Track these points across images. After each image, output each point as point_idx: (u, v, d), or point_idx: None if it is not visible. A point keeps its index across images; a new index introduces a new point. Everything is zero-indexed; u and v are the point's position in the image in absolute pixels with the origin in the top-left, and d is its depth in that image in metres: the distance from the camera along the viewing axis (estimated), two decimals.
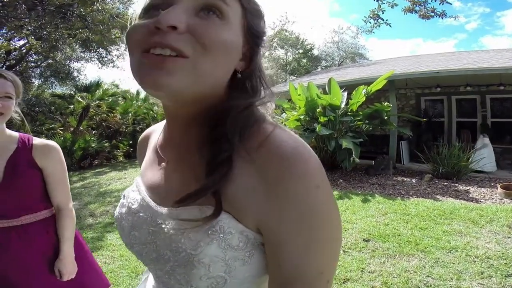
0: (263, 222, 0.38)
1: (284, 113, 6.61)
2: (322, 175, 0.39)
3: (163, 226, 0.43)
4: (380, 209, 4.16)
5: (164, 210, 0.45)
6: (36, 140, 1.17)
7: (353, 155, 5.52)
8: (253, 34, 0.45)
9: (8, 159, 1.08)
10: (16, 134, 1.16)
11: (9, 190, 1.06)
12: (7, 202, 1.07)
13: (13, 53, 8.07)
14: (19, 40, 7.87)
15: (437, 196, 4.68)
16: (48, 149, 1.16)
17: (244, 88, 0.46)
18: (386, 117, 5.93)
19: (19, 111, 1.22)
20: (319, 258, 0.38)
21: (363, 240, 3.17)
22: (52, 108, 10.30)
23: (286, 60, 23.86)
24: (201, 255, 0.39)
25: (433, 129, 7.76)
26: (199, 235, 0.39)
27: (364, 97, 5.86)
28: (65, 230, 1.17)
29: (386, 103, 5.97)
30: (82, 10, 4.91)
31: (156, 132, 0.60)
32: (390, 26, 4.55)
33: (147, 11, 0.40)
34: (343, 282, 2.40)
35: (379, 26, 4.55)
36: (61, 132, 9.88)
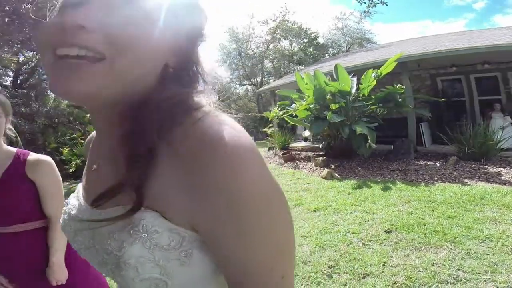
0: (194, 219, 0.36)
1: (293, 104, 6.45)
2: (253, 157, 0.35)
3: (98, 227, 0.41)
4: (402, 197, 3.91)
5: (97, 212, 0.43)
6: (31, 156, 1.23)
7: (369, 141, 5.30)
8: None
9: (2, 174, 1.17)
10: (13, 150, 1.24)
11: (2, 200, 1.15)
12: (1, 210, 1.16)
13: (24, 67, 8.32)
14: (21, 56, 8.08)
15: (465, 180, 4.34)
16: (39, 164, 1.22)
17: (177, 82, 0.43)
18: (400, 100, 5.64)
19: (12, 127, 1.28)
20: (263, 253, 0.35)
21: (385, 231, 2.97)
22: (71, 118, 10.61)
23: (292, 50, 23.57)
24: (126, 256, 0.36)
25: (454, 109, 7.44)
26: (122, 235, 0.37)
27: (375, 80, 5.67)
28: (55, 241, 1.22)
29: (399, 85, 5.70)
30: None
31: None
32: (387, 5, 4.25)
33: (61, 9, 0.37)
34: (362, 278, 2.23)
35: (375, 6, 4.28)
36: (83, 141, 10.17)
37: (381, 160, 6.02)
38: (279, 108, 7.26)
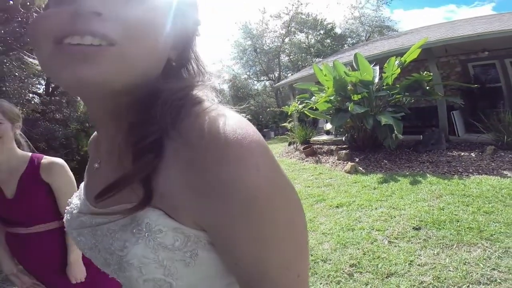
0: (202, 219, 0.34)
1: (313, 97, 6.28)
2: (264, 155, 0.33)
3: (99, 225, 0.41)
4: (433, 191, 3.67)
5: (100, 211, 0.42)
6: (45, 159, 1.29)
7: (395, 131, 5.03)
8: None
9: (19, 178, 1.24)
10: (28, 154, 1.30)
11: (21, 204, 1.22)
12: (21, 214, 1.24)
13: None
14: None
15: (505, 172, 3.97)
16: (53, 166, 1.27)
17: (179, 76, 0.43)
18: (428, 87, 5.28)
19: (22, 133, 1.34)
20: (278, 253, 0.34)
21: (413, 228, 2.80)
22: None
23: (309, 43, 22.98)
24: (129, 256, 0.35)
25: (489, 96, 6.85)
26: (125, 235, 0.36)
27: (399, 68, 5.35)
28: (72, 241, 1.26)
29: (426, 72, 5.34)
30: None
31: None
32: None
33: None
34: (386, 277, 2.10)
35: None
36: None
37: (409, 152, 5.69)
38: (298, 102, 7.11)
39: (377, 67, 5.82)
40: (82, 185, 0.55)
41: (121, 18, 0.34)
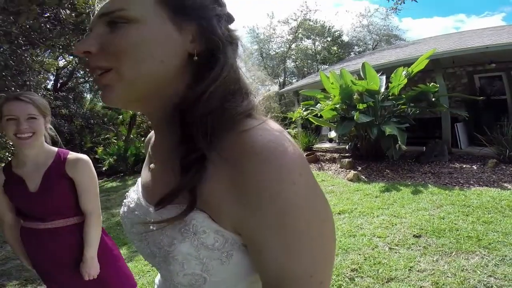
0: (239, 224, 0.37)
1: (318, 104, 6.36)
2: (301, 169, 0.36)
3: (150, 224, 0.44)
4: (434, 201, 3.73)
5: (151, 208, 0.47)
6: (71, 155, 1.30)
7: (399, 142, 5.09)
8: (190, 10, 0.43)
9: (44, 173, 1.24)
10: (54, 149, 1.31)
11: (44, 199, 1.22)
12: (43, 208, 1.23)
13: (63, 70, 9.01)
14: (61, 60, 8.71)
15: (505, 184, 4.03)
16: (78, 162, 1.28)
17: (202, 73, 0.43)
18: (433, 99, 5.34)
19: (52, 127, 1.34)
20: (305, 260, 0.35)
21: (413, 236, 2.86)
22: (105, 119, 11.33)
23: (315, 50, 22.99)
24: (175, 252, 0.39)
25: (494, 108, 6.82)
26: (174, 233, 0.40)
27: (406, 79, 5.41)
28: (89, 237, 1.27)
29: (432, 83, 5.39)
30: None
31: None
32: (416, 1, 4.03)
33: None
34: (386, 282, 2.17)
35: (404, 3, 4.06)
36: (115, 141, 10.81)
37: (412, 163, 5.75)
38: (303, 108, 7.20)
39: (384, 77, 5.88)
40: (139, 180, 0.59)
41: (103, 49, 0.41)
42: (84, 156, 1.33)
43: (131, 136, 10.56)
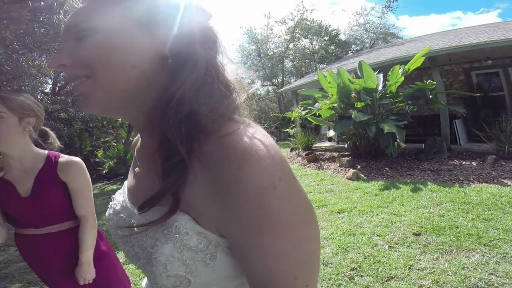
0: (222, 227, 0.38)
1: (316, 103, 6.35)
2: (281, 173, 0.36)
3: (135, 225, 0.45)
4: (433, 198, 3.71)
5: (136, 211, 0.47)
6: (63, 157, 1.24)
7: (398, 140, 5.08)
8: (156, 14, 0.43)
9: (35, 176, 1.18)
10: (44, 152, 1.25)
11: (36, 203, 1.17)
12: (36, 214, 1.19)
13: (61, 74, 9.00)
14: None
15: (505, 181, 4.01)
16: (70, 165, 1.23)
17: (176, 74, 0.43)
18: (431, 96, 5.35)
19: (47, 129, 1.28)
20: (289, 263, 0.36)
21: (413, 234, 2.84)
22: (104, 122, 11.28)
23: (313, 49, 23.07)
24: (158, 253, 0.40)
25: (492, 105, 6.89)
26: (157, 234, 0.41)
27: (403, 76, 5.41)
28: (84, 241, 1.24)
29: (429, 81, 5.40)
30: None
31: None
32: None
33: None
34: (386, 281, 2.15)
35: (396, 0, 4.06)
36: (115, 144, 10.77)
37: (411, 160, 5.74)
38: (302, 108, 7.19)
39: (381, 75, 5.88)
40: (125, 183, 0.59)
41: (75, 60, 0.42)
42: (77, 159, 1.27)
43: (131, 138, 10.54)
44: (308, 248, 0.37)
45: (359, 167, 5.82)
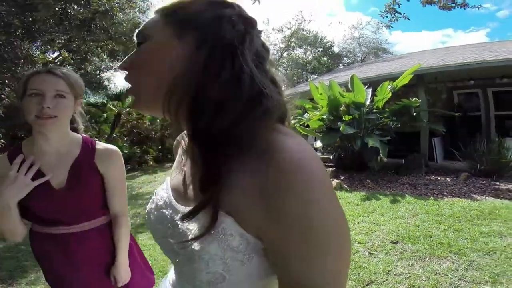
0: (263, 232, 0.40)
1: (306, 113, 6.54)
2: (324, 188, 0.38)
3: (179, 223, 0.46)
4: (410, 210, 3.95)
5: (181, 208, 0.49)
6: (99, 145, 1.10)
7: (381, 154, 5.33)
8: (186, 20, 0.47)
9: (72, 164, 1.03)
10: (79, 137, 1.10)
11: (72, 195, 1.01)
12: (69, 208, 1.03)
13: (50, 65, 8.80)
14: (53, 53, 8.55)
15: (475, 196, 4.34)
16: (110, 154, 1.10)
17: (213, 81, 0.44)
18: (415, 113, 5.65)
19: (83, 112, 1.15)
20: (324, 271, 0.38)
21: (391, 242, 3.04)
22: (88, 116, 11.03)
23: (306, 59, 23.40)
24: (203, 252, 0.42)
25: (469, 124, 7.26)
26: None
27: (390, 93, 5.65)
28: (121, 239, 1.12)
29: (415, 98, 5.71)
30: (104, 23, 5.36)
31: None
32: (409, 19, 4.34)
33: None
34: (366, 285, 2.31)
35: (397, 20, 4.36)
36: (97, 139, 10.54)
37: (391, 174, 6.02)
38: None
39: (370, 90, 6.08)
40: (167, 179, 0.59)
41: (132, 64, 0.50)
42: (115, 147, 1.13)
43: (114, 135, 10.36)
44: (341, 256, 0.39)
45: (342, 178, 6.04)
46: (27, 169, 0.95)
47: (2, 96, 4.09)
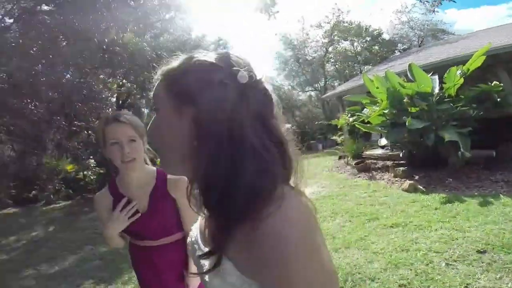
0: (254, 277, 0.47)
1: (365, 109, 6.10)
2: (309, 255, 0.45)
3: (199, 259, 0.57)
4: (506, 213, 3.30)
5: (202, 247, 0.61)
6: (170, 176, 1.32)
7: (461, 149, 4.59)
8: (184, 94, 0.52)
9: (150, 193, 1.29)
10: (153, 169, 1.34)
11: (152, 218, 1.28)
12: (153, 228, 1.29)
13: (122, 88, 10.37)
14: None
15: None
16: (179, 183, 1.29)
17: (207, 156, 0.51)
18: (499, 99, 4.73)
19: (150, 148, 1.35)
20: None
21: (477, 251, 2.59)
22: None
23: (355, 50, 21.99)
24: (211, 284, 0.54)
25: None
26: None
27: (462, 78, 4.90)
28: None
29: (495, 82, 4.78)
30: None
31: None
32: (455, 1, 3.67)
33: None
34: None
35: (441, 3, 3.74)
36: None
37: (479, 170, 5.10)
38: (349, 115, 6.94)
39: (436, 77, 5.42)
40: (199, 218, 0.69)
41: (150, 128, 0.59)
42: (183, 177, 1.39)
43: None
44: None
45: (416, 177, 5.41)
46: (122, 207, 1.26)
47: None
